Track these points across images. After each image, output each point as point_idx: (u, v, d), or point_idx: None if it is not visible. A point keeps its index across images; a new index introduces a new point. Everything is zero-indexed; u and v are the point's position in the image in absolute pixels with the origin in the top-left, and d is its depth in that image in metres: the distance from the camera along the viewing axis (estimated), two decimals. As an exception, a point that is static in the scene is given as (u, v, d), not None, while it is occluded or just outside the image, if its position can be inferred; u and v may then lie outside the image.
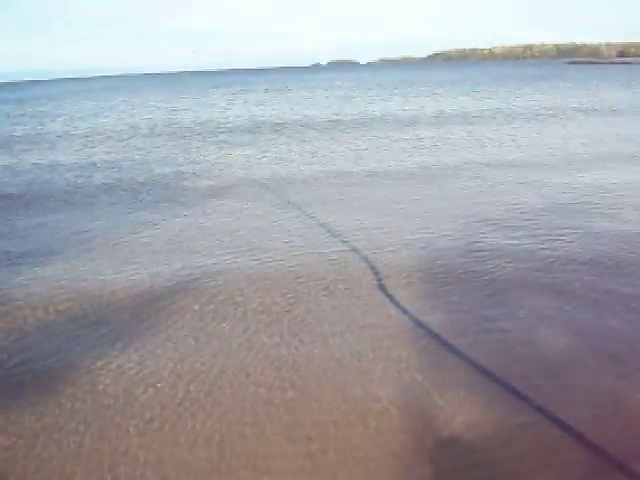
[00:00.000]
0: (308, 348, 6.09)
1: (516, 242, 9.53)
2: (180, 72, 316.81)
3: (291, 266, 8.69)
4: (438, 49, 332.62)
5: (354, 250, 9.43)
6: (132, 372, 5.81)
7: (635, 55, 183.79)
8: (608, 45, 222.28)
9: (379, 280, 8.11)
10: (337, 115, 32.40)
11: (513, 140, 21.18)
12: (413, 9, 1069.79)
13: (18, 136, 28.07)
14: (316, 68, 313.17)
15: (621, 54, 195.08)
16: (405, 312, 6.90)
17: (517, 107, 33.69)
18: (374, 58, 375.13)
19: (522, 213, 11.38)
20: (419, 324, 6.57)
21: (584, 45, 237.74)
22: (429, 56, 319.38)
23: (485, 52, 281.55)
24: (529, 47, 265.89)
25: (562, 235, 9.78)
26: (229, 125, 29.71)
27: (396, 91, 54.66)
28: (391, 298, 7.40)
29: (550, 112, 30.23)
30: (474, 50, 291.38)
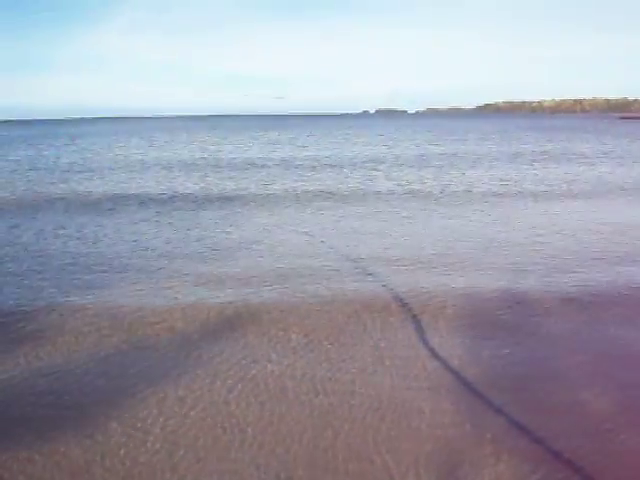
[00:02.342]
0: (338, 397, 5.89)
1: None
2: (231, 115, 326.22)
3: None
4: (487, 101, 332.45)
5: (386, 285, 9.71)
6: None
7: None
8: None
9: (417, 326, 7.80)
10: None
11: None
12: (463, 60, 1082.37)
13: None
14: (365, 116, 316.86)
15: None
16: (443, 362, 6.64)
17: None
18: (422, 107, 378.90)
19: None
20: (457, 375, 6.32)
21: (636, 100, 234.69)
22: (478, 107, 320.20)
23: (535, 105, 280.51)
24: (579, 101, 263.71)
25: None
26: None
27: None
28: (428, 346, 7.13)
29: None
30: (524, 102, 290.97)
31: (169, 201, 19.18)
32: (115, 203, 18.72)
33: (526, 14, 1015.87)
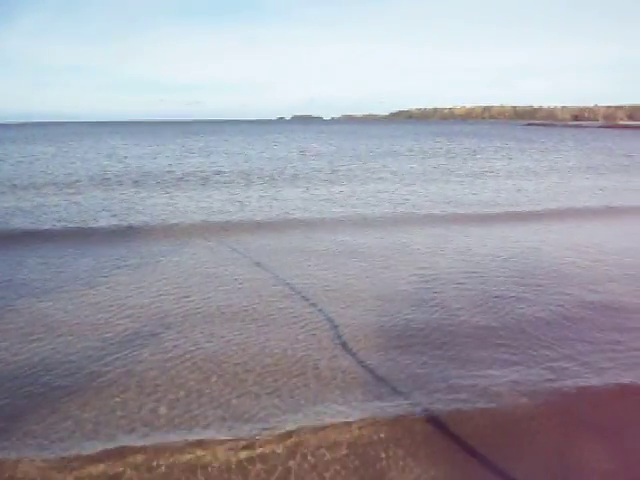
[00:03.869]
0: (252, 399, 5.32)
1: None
2: (148, 121, 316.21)
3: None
4: (400, 108, 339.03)
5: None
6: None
7: (588, 119, 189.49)
8: (563, 109, 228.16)
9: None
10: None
11: None
12: (377, 68, 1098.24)
13: None
14: (282, 122, 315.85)
15: (575, 117, 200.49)
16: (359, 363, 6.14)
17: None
18: (337, 114, 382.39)
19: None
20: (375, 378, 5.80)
21: (540, 108, 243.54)
22: (391, 114, 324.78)
23: (446, 112, 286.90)
24: (488, 108, 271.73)
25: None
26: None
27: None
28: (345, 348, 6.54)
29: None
30: (435, 110, 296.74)
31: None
32: None
33: (437, 24, 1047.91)
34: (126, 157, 37.26)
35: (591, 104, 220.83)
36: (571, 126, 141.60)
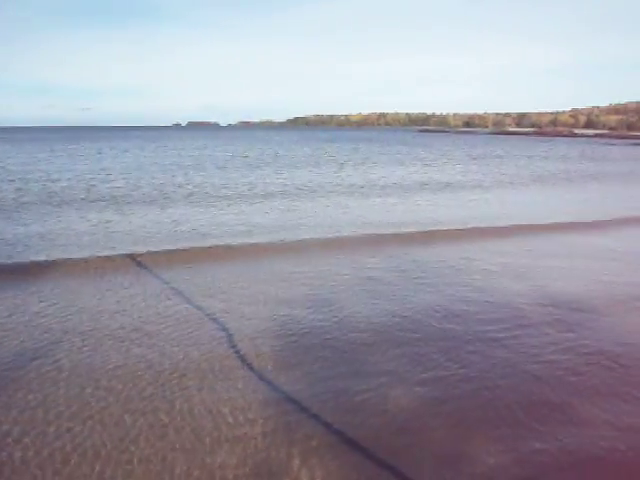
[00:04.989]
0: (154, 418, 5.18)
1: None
2: (35, 127, 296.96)
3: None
4: (297, 114, 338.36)
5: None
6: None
7: (478, 125, 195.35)
8: (455, 115, 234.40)
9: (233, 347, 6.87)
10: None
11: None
12: (274, 75, 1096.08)
13: None
14: (177, 128, 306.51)
15: (467, 124, 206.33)
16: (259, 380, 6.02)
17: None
18: (234, 121, 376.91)
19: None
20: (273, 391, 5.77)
21: (433, 115, 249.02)
22: (288, 120, 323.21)
23: (342, 118, 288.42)
24: (383, 115, 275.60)
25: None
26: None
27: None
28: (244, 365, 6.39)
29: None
30: (332, 116, 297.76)
31: None
32: None
33: (332, 31, 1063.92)
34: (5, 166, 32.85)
35: (481, 111, 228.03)
36: (463, 132, 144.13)
